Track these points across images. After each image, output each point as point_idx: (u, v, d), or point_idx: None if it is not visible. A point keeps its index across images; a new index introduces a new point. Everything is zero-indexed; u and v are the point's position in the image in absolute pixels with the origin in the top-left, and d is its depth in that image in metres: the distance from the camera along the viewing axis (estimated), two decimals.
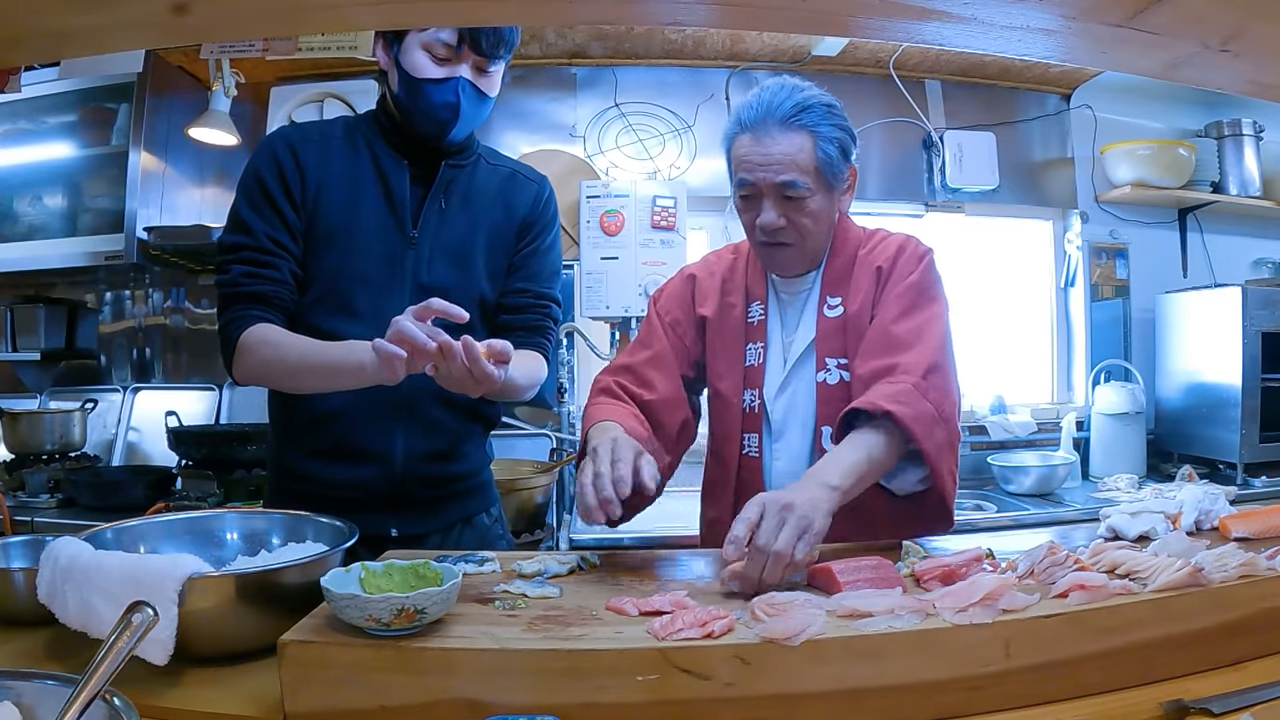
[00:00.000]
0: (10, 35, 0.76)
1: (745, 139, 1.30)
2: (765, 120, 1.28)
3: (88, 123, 2.82)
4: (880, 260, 1.37)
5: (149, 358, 3.17)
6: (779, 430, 1.38)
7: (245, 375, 1.31)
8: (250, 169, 1.35)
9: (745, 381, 1.40)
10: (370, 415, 1.34)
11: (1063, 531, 1.40)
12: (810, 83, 1.34)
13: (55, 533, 1.05)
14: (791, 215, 1.30)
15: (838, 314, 1.36)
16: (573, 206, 2.96)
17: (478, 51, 1.30)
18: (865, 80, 3.17)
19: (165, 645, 0.84)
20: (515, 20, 1.41)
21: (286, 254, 1.32)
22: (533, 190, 1.48)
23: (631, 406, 1.35)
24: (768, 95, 1.30)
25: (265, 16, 0.83)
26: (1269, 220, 3.34)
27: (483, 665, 0.79)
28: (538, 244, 1.46)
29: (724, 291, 1.44)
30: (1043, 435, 3.08)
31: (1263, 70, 0.82)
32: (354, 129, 1.40)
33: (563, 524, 2.50)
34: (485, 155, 1.47)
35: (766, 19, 0.87)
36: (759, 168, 1.28)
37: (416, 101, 1.32)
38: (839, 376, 1.34)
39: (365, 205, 1.35)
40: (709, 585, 1.02)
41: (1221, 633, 0.89)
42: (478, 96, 1.34)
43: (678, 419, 1.39)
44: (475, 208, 1.42)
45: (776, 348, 1.40)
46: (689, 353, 1.44)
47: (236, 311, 1.29)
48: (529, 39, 2.93)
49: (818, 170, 1.29)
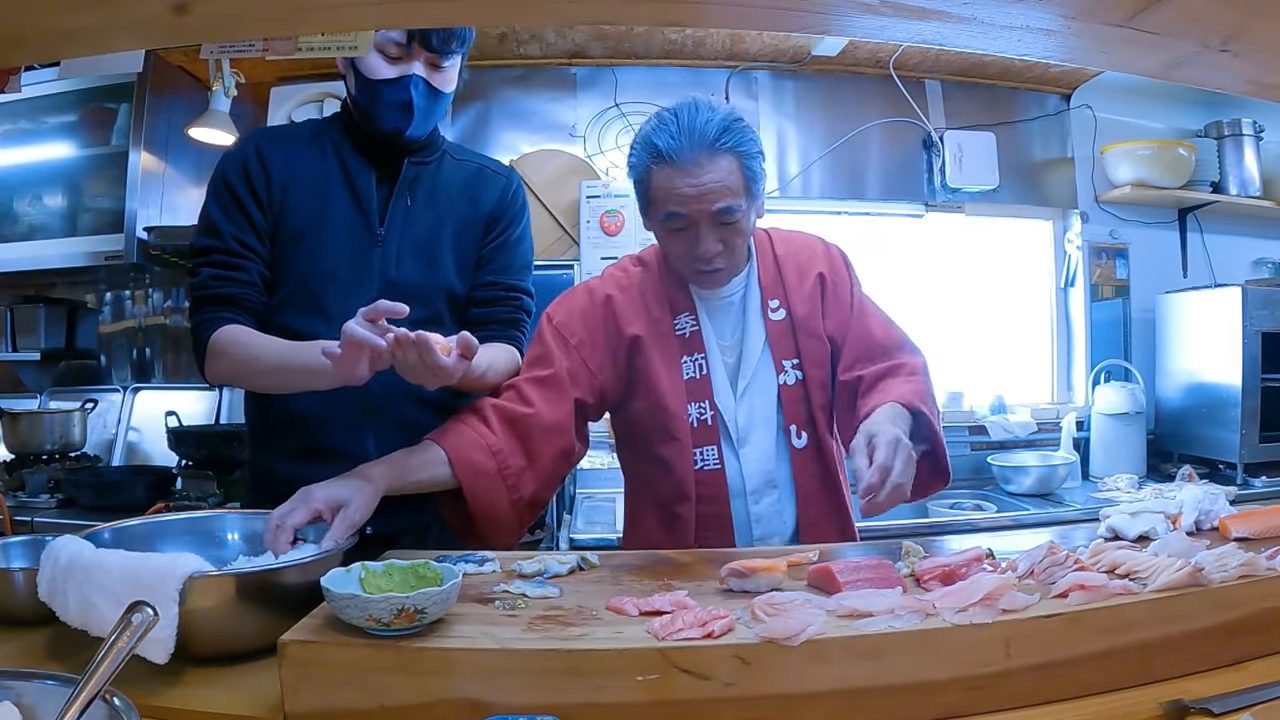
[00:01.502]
0: (10, 35, 0.76)
1: (668, 171, 1.25)
2: (692, 149, 1.23)
3: (88, 123, 2.82)
4: (818, 266, 1.42)
5: (149, 358, 3.17)
6: (743, 437, 1.37)
7: (217, 376, 1.32)
8: (218, 172, 1.37)
9: (689, 395, 1.37)
10: (342, 416, 1.35)
11: (1063, 531, 1.40)
12: (715, 98, 1.33)
13: (55, 533, 1.05)
14: (726, 238, 1.29)
15: (781, 317, 1.39)
16: (573, 206, 2.96)
17: (428, 48, 1.32)
18: (865, 80, 3.17)
19: (166, 644, 0.84)
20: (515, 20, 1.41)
21: (254, 256, 1.34)
22: (500, 183, 1.49)
23: (483, 433, 1.28)
24: (685, 121, 1.25)
25: (265, 16, 0.83)
26: (1269, 220, 3.34)
27: (483, 665, 0.79)
28: (506, 237, 1.47)
29: (646, 307, 1.40)
30: (1043, 435, 3.09)
31: (1263, 70, 0.82)
32: (321, 131, 1.43)
33: (563, 524, 2.49)
34: (450, 151, 1.49)
35: (766, 19, 0.87)
36: (692, 200, 1.25)
37: (373, 102, 1.34)
38: (795, 377, 1.37)
39: (332, 205, 1.37)
40: (709, 585, 1.02)
41: (1221, 633, 0.89)
42: (432, 93, 1.36)
43: (555, 445, 1.31)
44: (441, 203, 1.43)
45: (718, 356, 1.39)
46: (593, 377, 1.37)
47: (206, 314, 1.31)
48: (529, 39, 2.93)
49: (746, 188, 1.28)
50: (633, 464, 1.47)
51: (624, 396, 1.41)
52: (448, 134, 2.95)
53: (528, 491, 1.29)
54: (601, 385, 1.38)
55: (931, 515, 2.75)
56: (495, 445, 1.27)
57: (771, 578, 0.98)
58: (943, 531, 2.32)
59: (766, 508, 1.37)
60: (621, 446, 1.49)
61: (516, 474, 1.27)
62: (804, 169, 3.15)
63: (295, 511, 1.09)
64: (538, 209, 2.97)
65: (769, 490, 1.37)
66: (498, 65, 3.07)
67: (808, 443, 1.38)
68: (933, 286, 3.22)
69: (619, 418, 1.46)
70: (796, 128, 3.16)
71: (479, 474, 1.25)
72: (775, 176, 3.14)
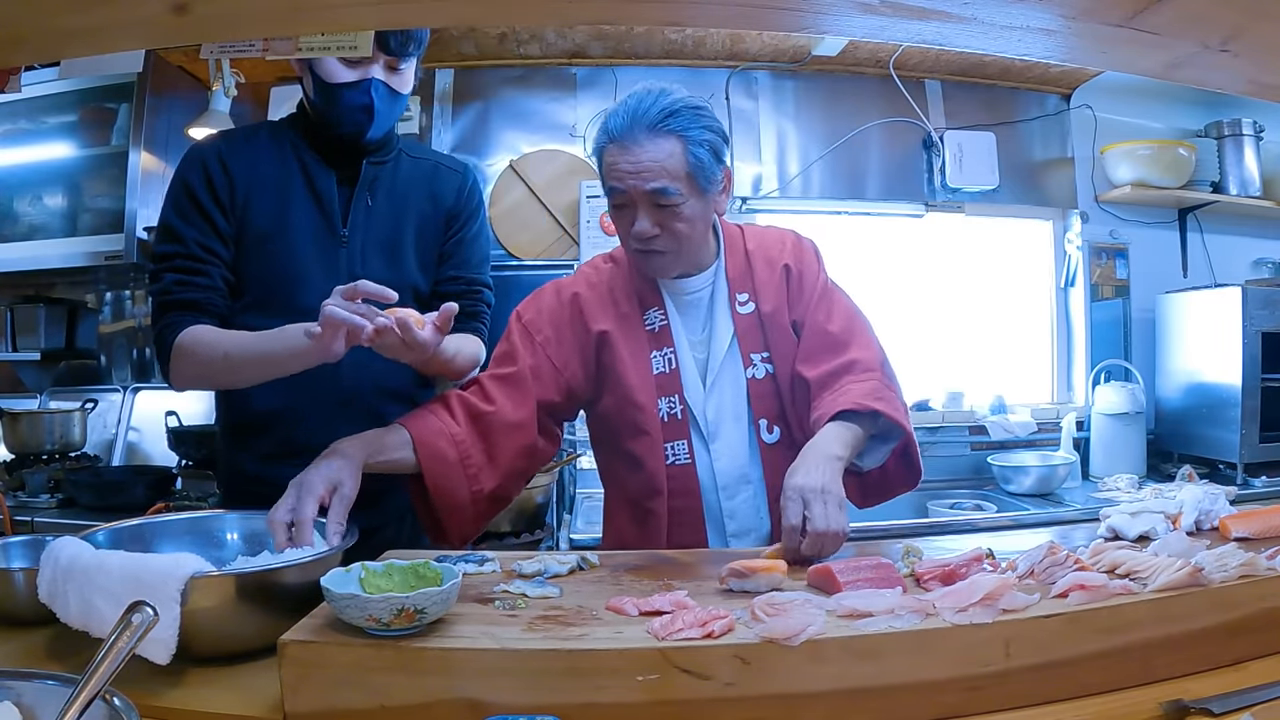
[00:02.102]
0: (10, 35, 0.76)
1: (613, 148, 1.28)
2: (633, 128, 1.26)
3: (88, 123, 2.82)
4: (785, 258, 1.42)
5: (149, 358, 3.17)
6: (713, 432, 1.37)
7: (183, 378, 1.32)
8: (178, 178, 1.37)
9: (659, 390, 1.37)
10: (313, 413, 1.35)
11: (1063, 531, 1.40)
12: (678, 86, 1.33)
13: (55, 533, 1.05)
14: (665, 222, 1.29)
15: (750, 310, 1.39)
16: (573, 206, 2.96)
17: (387, 51, 1.33)
18: (865, 80, 3.16)
19: (168, 645, 0.84)
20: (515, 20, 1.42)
21: (218, 260, 1.34)
22: (456, 180, 1.51)
23: (447, 422, 1.29)
24: (633, 102, 1.28)
25: (265, 16, 0.83)
26: (1269, 220, 3.34)
27: (483, 665, 0.79)
28: (465, 232, 1.50)
29: (615, 302, 1.41)
30: (1043, 435, 3.08)
31: (1263, 70, 0.82)
32: (278, 132, 1.44)
33: (563, 524, 2.50)
34: (407, 150, 1.51)
35: (766, 19, 0.87)
36: (629, 176, 1.27)
37: (332, 105, 1.35)
38: (764, 370, 1.38)
39: (295, 208, 1.38)
40: (709, 585, 1.02)
41: (1221, 633, 0.89)
42: (391, 95, 1.37)
43: (516, 442, 1.32)
44: (401, 202, 1.45)
45: (687, 351, 1.39)
46: (559, 374, 1.37)
47: (170, 319, 1.31)
48: (529, 39, 2.93)
49: (689, 175, 1.28)
50: (605, 461, 1.47)
51: (595, 393, 1.41)
52: (448, 134, 2.99)
53: (487, 485, 1.29)
54: (569, 383, 1.38)
55: (931, 515, 2.74)
56: (458, 435, 1.28)
57: (771, 578, 0.99)
58: (943, 531, 2.32)
59: (741, 503, 1.37)
60: (595, 445, 1.49)
61: (477, 466, 1.29)
62: (804, 169, 3.15)
63: (304, 502, 1.10)
64: (538, 209, 2.97)
65: (742, 485, 1.37)
66: (498, 65, 3.07)
67: (780, 437, 1.37)
68: (933, 286, 3.22)
69: (592, 415, 1.46)
70: (796, 128, 3.16)
71: (441, 461, 1.26)
72: (775, 176, 3.14)
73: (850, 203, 3.15)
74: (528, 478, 1.40)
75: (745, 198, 3.08)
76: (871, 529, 2.29)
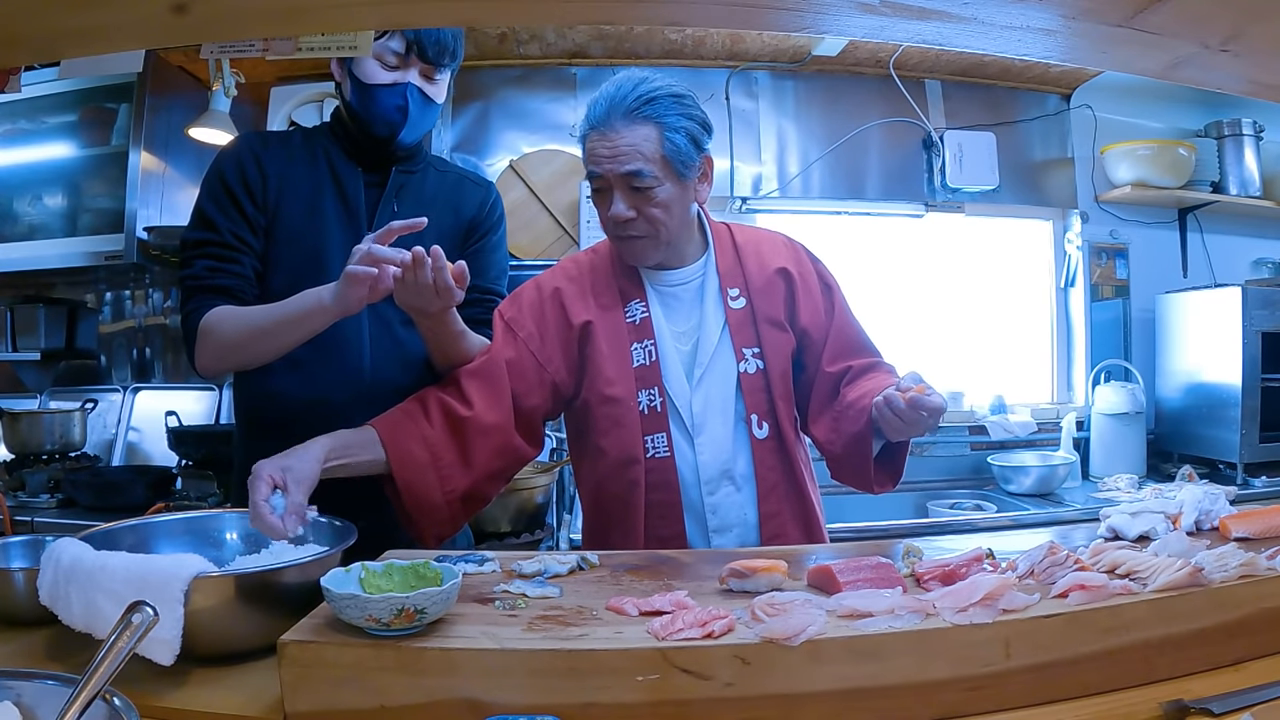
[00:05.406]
0: (10, 35, 0.76)
1: (594, 135, 1.32)
2: (610, 114, 1.30)
3: (88, 123, 2.82)
4: (780, 260, 1.44)
5: (149, 358, 3.17)
6: (699, 425, 1.37)
7: (208, 357, 1.33)
8: (214, 169, 1.40)
9: (639, 382, 1.37)
10: (335, 410, 1.35)
11: (1063, 531, 1.40)
12: (658, 74, 1.35)
13: (55, 533, 1.05)
14: (641, 206, 1.31)
15: (742, 305, 1.40)
16: (573, 206, 2.96)
17: (424, 59, 1.38)
18: (865, 80, 3.16)
19: (171, 645, 0.84)
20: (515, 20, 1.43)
21: (249, 250, 1.37)
22: (480, 194, 1.55)
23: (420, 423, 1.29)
24: (612, 89, 1.32)
25: (265, 16, 0.83)
26: (1269, 220, 3.34)
27: (483, 665, 0.79)
28: (484, 243, 1.52)
29: (595, 294, 1.41)
30: (1043, 435, 3.08)
31: (1263, 70, 0.82)
32: (310, 139, 1.47)
33: (563, 524, 2.50)
34: (434, 163, 1.55)
35: (766, 19, 0.87)
36: (605, 159, 1.30)
37: (369, 105, 1.39)
38: (755, 365, 1.38)
39: (323, 209, 1.41)
40: (709, 585, 1.02)
41: (1221, 633, 0.89)
42: (425, 101, 1.41)
43: (493, 443, 1.32)
44: (426, 211, 1.44)
45: (670, 343, 1.39)
46: (542, 370, 1.37)
47: (198, 303, 1.33)
48: (529, 39, 2.93)
49: (664, 159, 1.30)
50: (585, 453, 1.46)
51: (578, 387, 1.41)
52: (448, 134, 2.99)
53: (461, 486, 1.29)
54: (553, 379, 1.38)
55: (931, 515, 2.75)
56: (432, 438, 1.28)
57: (771, 578, 0.99)
58: (943, 531, 2.32)
59: (724, 498, 1.36)
60: (572, 437, 1.49)
61: (450, 468, 1.28)
62: (804, 169, 3.15)
63: (254, 488, 1.07)
64: (538, 209, 2.97)
65: (726, 481, 1.37)
66: (498, 65, 3.07)
67: (769, 433, 1.37)
68: (933, 286, 3.22)
69: (570, 408, 1.45)
70: (796, 128, 3.16)
71: (412, 465, 1.26)
72: (775, 176, 3.14)
73: (850, 203, 3.15)
74: (506, 478, 1.40)
75: (745, 198, 3.08)
76: (871, 529, 2.29)
